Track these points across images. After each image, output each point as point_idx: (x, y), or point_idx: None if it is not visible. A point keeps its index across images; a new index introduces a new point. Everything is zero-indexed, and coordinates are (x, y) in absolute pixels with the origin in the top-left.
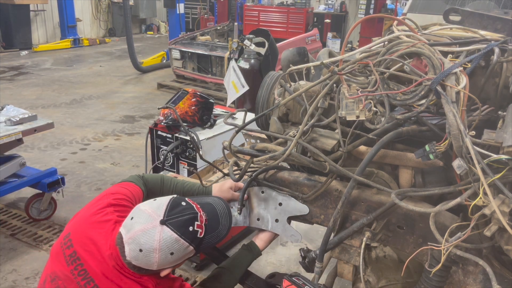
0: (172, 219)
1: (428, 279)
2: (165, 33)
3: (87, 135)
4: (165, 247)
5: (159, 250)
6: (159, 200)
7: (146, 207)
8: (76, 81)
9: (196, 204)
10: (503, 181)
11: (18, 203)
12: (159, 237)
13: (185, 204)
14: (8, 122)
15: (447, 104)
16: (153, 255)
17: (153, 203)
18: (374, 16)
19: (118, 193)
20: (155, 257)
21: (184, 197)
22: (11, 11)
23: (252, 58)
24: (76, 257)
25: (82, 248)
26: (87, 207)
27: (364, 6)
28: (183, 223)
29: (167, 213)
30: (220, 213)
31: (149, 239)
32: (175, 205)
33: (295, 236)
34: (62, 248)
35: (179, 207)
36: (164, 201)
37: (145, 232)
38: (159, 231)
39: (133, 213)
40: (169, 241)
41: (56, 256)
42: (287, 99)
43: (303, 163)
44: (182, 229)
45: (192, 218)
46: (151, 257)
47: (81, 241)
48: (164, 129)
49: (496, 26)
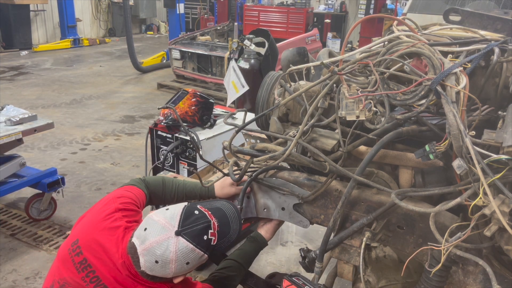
0: (187, 229)
1: (428, 279)
2: (165, 33)
3: (87, 135)
4: (181, 258)
5: (175, 261)
6: (172, 210)
7: (159, 218)
8: (76, 81)
9: (208, 211)
10: (503, 181)
11: (18, 203)
12: (175, 248)
13: (198, 213)
14: (8, 122)
15: (447, 104)
16: (169, 266)
17: (166, 212)
18: (374, 16)
19: (124, 197)
20: (171, 267)
21: (195, 205)
22: (11, 11)
23: (252, 58)
24: (87, 264)
25: (93, 255)
26: (94, 213)
27: (364, 6)
28: (197, 232)
29: (181, 224)
30: (230, 218)
31: (165, 251)
32: (188, 214)
33: (303, 222)
34: (71, 255)
35: (192, 216)
36: (178, 211)
37: (160, 243)
38: (174, 242)
39: (146, 223)
40: (185, 252)
41: (64, 262)
42: (287, 99)
43: (303, 163)
44: (197, 239)
45: (206, 227)
46: (167, 268)
47: (91, 248)
48: (164, 129)
49: (496, 26)
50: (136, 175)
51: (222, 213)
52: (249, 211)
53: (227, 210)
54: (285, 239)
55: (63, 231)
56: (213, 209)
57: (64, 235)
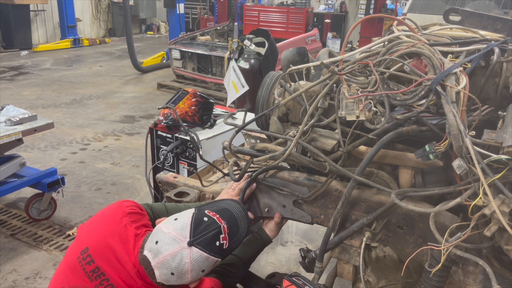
0: (198, 238)
1: (428, 279)
2: (165, 33)
3: (87, 135)
4: (197, 267)
5: (191, 271)
6: (181, 219)
7: (169, 229)
8: (76, 81)
9: (216, 215)
10: (503, 181)
11: (18, 203)
12: (189, 259)
13: (208, 220)
14: (8, 122)
15: (447, 104)
16: (185, 276)
17: (175, 223)
18: (374, 16)
19: (128, 201)
20: (188, 277)
21: (203, 210)
22: (11, 11)
23: (252, 58)
24: (100, 273)
25: (106, 263)
26: (101, 219)
27: (364, 6)
28: (209, 240)
29: (192, 233)
30: (238, 217)
31: (179, 263)
32: (198, 222)
33: (305, 217)
34: (81, 264)
35: (202, 224)
36: (187, 220)
37: (174, 256)
38: (188, 254)
39: (156, 236)
40: (200, 261)
41: (73, 270)
42: (287, 99)
43: (303, 163)
44: (210, 247)
45: (217, 233)
46: (183, 278)
47: (104, 256)
48: (164, 129)
49: (496, 26)
50: (136, 175)
51: (230, 214)
52: (253, 211)
53: (234, 209)
54: (285, 239)
55: (63, 231)
56: (220, 211)
57: (64, 235)
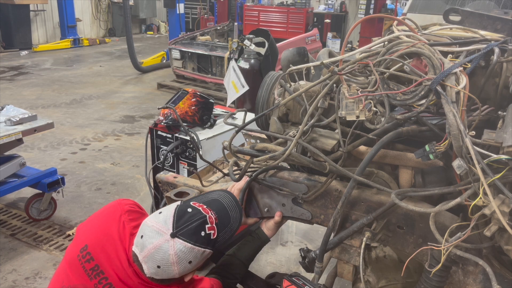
0: (181, 229)
1: (428, 279)
2: (165, 33)
3: (87, 135)
4: (182, 258)
5: (176, 263)
6: (165, 212)
7: (153, 223)
8: (76, 81)
9: (202, 206)
10: (503, 181)
11: (18, 203)
12: (173, 251)
13: (192, 210)
14: (8, 122)
15: (447, 104)
16: (171, 268)
17: (159, 216)
18: (374, 16)
19: (127, 200)
20: (174, 269)
21: (189, 202)
22: (11, 11)
23: (252, 58)
24: (99, 271)
25: (105, 261)
26: (100, 218)
27: (364, 6)
28: (193, 230)
29: (175, 225)
30: (228, 207)
31: (164, 255)
32: (181, 214)
33: (305, 214)
34: (81, 262)
35: (186, 215)
36: (170, 212)
37: (158, 249)
38: (171, 245)
39: (141, 230)
40: (184, 252)
41: (73, 268)
42: (287, 99)
43: (303, 163)
44: (195, 237)
45: (201, 223)
46: (170, 271)
47: (102, 254)
48: (164, 129)
49: (496, 26)
50: (136, 175)
51: (219, 204)
52: (253, 211)
53: (224, 199)
54: (285, 239)
55: (63, 231)
56: (208, 202)
57: (64, 235)
